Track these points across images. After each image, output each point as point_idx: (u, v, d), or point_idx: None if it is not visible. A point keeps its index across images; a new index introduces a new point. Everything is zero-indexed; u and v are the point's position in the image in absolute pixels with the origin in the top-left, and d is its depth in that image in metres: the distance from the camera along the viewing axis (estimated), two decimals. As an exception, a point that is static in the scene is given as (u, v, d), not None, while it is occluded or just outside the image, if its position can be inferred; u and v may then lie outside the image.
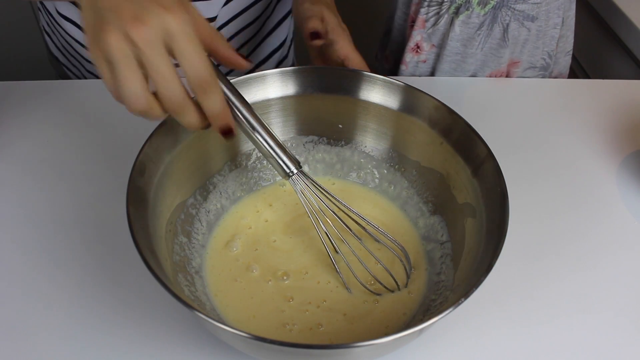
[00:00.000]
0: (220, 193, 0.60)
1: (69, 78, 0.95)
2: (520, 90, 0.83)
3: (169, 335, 0.53)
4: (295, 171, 0.52)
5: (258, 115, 0.50)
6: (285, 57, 0.99)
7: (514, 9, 0.82)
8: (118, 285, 0.56)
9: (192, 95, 0.44)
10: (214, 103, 0.44)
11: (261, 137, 0.50)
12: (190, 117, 0.45)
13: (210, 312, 0.50)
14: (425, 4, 0.85)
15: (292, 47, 1.03)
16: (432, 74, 0.90)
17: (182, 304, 0.41)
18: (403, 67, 0.91)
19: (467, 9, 0.82)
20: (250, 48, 0.90)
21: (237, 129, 0.49)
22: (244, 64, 0.48)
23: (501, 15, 0.82)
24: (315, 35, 0.64)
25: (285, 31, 0.95)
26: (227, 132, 0.47)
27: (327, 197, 0.55)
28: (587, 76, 1.16)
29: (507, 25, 0.83)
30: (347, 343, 0.40)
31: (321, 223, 0.54)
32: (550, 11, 0.84)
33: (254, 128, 0.50)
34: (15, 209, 0.63)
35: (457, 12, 0.83)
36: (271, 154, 0.51)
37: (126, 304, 0.55)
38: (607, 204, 0.67)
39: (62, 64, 0.94)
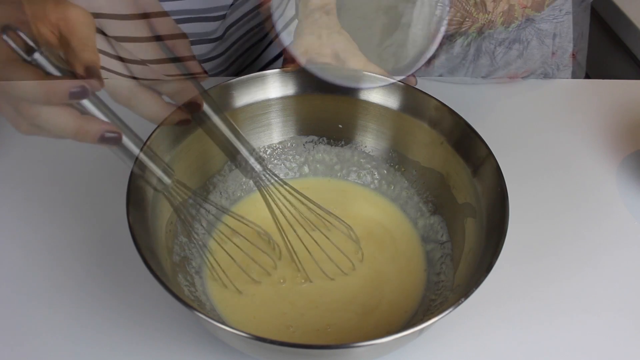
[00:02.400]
0: (220, 193, 0.60)
1: None
2: (520, 91, 0.83)
3: (169, 335, 0.53)
4: (260, 169, 0.53)
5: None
6: None
7: (538, 28, 0.81)
8: (118, 285, 0.56)
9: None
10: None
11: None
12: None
13: (210, 312, 0.50)
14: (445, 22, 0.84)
15: None
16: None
17: (182, 304, 0.41)
18: None
19: (491, 28, 0.81)
20: (260, 48, 0.90)
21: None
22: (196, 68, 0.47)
23: (524, 34, 0.82)
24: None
25: None
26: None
27: (289, 192, 0.55)
28: (587, 76, 1.16)
29: (529, 42, 0.83)
30: (347, 343, 0.40)
31: (284, 219, 0.55)
32: (570, 27, 0.84)
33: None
34: (14, 208, 0.63)
35: (479, 32, 0.82)
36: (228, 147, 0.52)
37: (126, 304, 0.55)
38: (607, 204, 0.67)
39: None
